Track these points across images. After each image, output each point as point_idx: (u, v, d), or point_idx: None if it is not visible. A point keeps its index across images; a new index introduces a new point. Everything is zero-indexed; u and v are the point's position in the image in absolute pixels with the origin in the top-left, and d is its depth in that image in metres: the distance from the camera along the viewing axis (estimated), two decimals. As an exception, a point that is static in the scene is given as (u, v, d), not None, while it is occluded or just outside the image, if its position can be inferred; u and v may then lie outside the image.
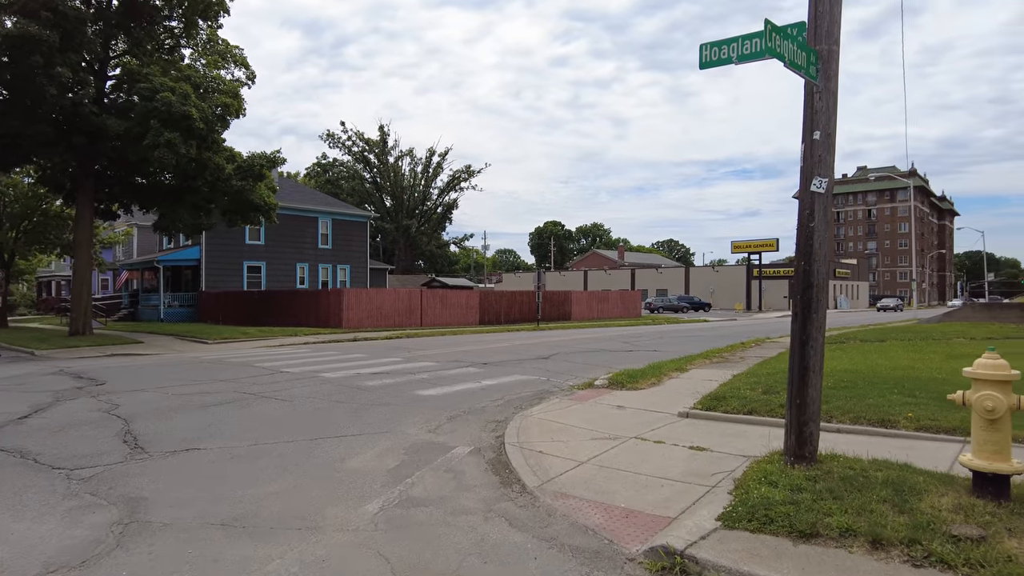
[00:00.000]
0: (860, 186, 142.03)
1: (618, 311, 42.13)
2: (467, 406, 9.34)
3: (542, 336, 25.12)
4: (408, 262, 73.28)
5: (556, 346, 19.70)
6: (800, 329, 5.38)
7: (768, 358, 15.02)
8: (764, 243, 71.08)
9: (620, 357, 16.49)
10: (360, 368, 13.81)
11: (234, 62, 25.19)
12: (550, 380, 12.04)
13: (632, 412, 8.64)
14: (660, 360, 14.37)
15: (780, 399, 8.33)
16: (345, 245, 44.11)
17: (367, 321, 28.43)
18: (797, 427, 5.34)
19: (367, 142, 72.48)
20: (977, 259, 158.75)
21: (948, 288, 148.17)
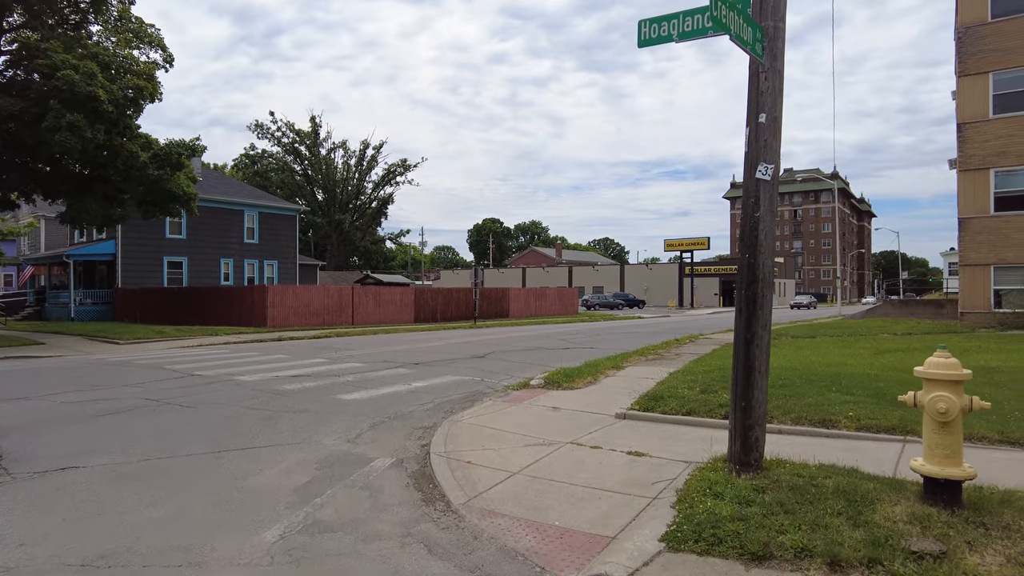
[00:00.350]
0: (787, 187, 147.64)
1: (556, 308, 42.02)
2: (393, 411, 8.69)
3: (479, 334, 24.57)
4: (341, 258, 71.29)
5: (493, 344, 19.19)
6: (744, 326, 5.02)
7: (703, 355, 14.95)
8: (695, 241, 72.70)
9: (557, 355, 16.12)
10: (280, 370, 12.90)
11: (149, 42, 23.48)
12: (484, 381, 11.50)
13: (568, 414, 8.19)
14: (597, 358, 14.06)
15: (719, 398, 8.06)
16: (273, 240, 42.30)
17: (294, 319, 27.17)
18: (742, 432, 4.98)
19: (298, 133, 70.02)
20: (892, 258, 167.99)
21: (867, 286, 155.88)
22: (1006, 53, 19.90)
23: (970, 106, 20.36)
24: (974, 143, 20.17)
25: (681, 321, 36.64)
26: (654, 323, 34.00)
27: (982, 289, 20.05)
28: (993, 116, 20.06)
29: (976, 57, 20.23)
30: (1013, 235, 19.70)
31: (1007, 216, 19.85)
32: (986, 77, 20.12)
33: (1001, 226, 19.86)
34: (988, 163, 20.00)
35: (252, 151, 74.71)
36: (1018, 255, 19.65)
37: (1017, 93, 19.89)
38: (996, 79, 20.06)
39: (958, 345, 14.38)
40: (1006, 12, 20.09)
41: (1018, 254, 19.65)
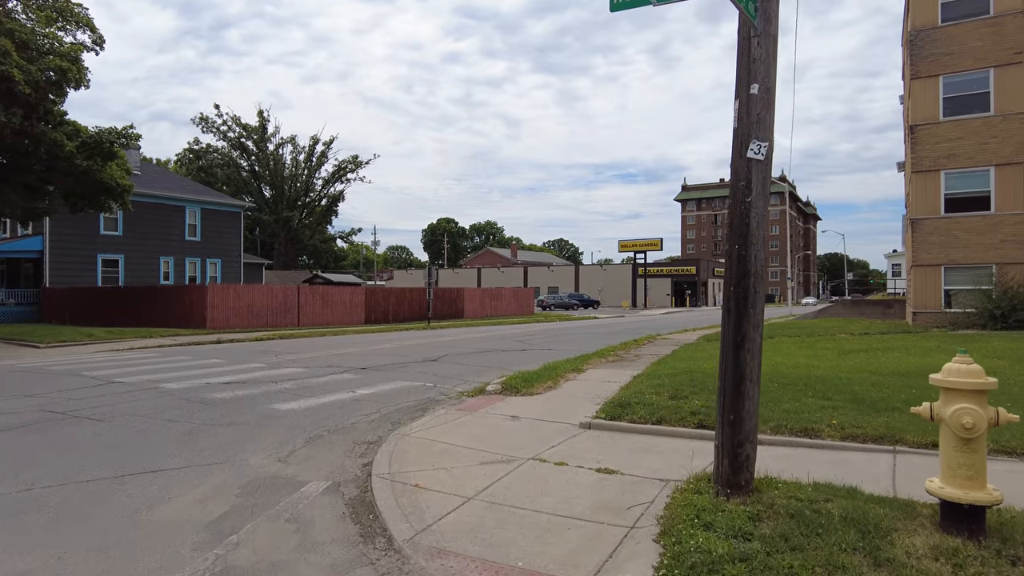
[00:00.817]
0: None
1: (511, 308, 41.36)
2: (333, 423, 7.81)
3: (432, 336, 23.67)
4: (289, 257, 69.07)
5: (447, 346, 18.35)
6: (734, 328, 4.38)
7: (664, 356, 14.47)
8: (649, 242, 73.19)
9: (514, 357, 15.41)
10: (213, 376, 11.81)
11: (76, 22, 21.80)
12: (437, 387, 10.69)
13: (528, 424, 7.48)
14: (556, 360, 13.41)
15: (690, 405, 7.48)
16: (216, 237, 40.40)
17: (236, 321, 25.74)
18: (731, 449, 4.34)
19: (245, 128, 67.45)
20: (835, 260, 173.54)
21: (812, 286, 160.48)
22: (955, 57, 20.14)
23: (921, 109, 20.55)
24: (925, 145, 20.36)
25: (636, 321, 36.46)
26: (610, 323, 33.68)
27: (933, 289, 20.25)
28: (943, 119, 20.29)
29: (927, 60, 20.43)
30: (962, 236, 19.94)
31: (957, 217, 20.09)
32: (936, 80, 20.34)
33: (951, 227, 20.09)
34: (939, 165, 20.20)
35: (196, 146, 71.73)
36: (967, 256, 19.90)
37: (966, 96, 20.15)
38: (946, 82, 20.28)
39: (917, 345, 14.28)
40: (955, 17, 20.35)
41: (967, 255, 19.90)
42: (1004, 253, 19.43)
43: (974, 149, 19.80)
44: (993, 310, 18.03)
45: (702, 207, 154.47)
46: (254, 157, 68.65)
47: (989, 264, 19.63)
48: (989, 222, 19.65)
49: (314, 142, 69.60)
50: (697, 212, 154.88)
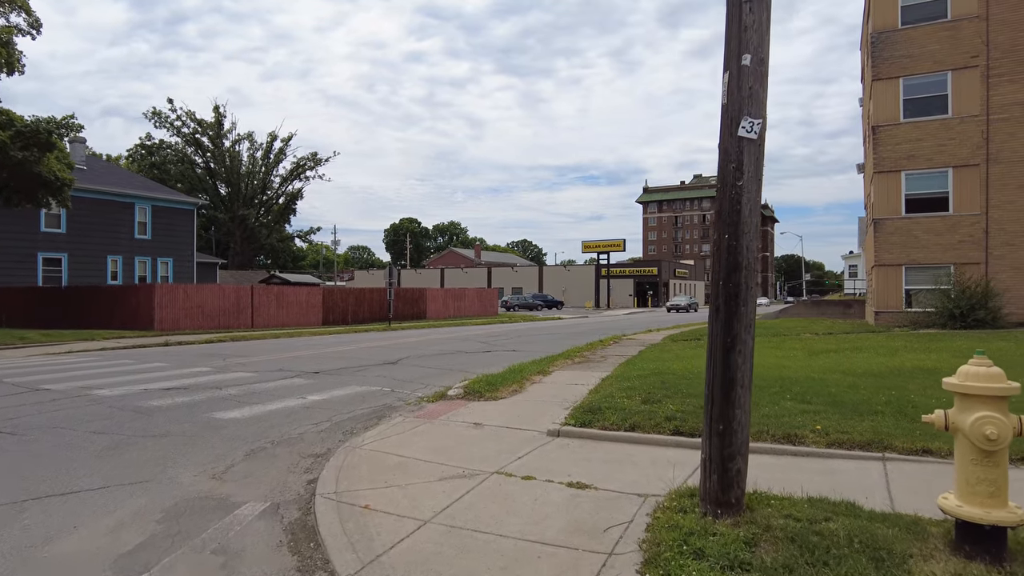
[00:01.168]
0: (695, 192, 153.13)
1: (475, 309, 40.76)
2: (279, 433, 7.14)
3: (393, 337, 22.94)
4: (246, 256, 67.12)
5: (408, 348, 17.68)
6: (723, 329, 3.92)
7: (631, 357, 14.10)
8: (612, 243, 73.40)
9: (478, 359, 14.85)
10: (153, 382, 10.95)
11: (9, 3, 20.46)
12: (395, 391, 10.06)
13: (492, 431, 6.93)
14: (520, 362, 12.90)
15: (664, 410, 7.03)
16: (168, 235, 38.81)
17: (185, 322, 24.57)
18: (720, 464, 3.88)
19: (200, 123, 65.28)
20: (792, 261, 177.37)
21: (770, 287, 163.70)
22: (914, 60, 20.34)
23: (882, 110, 20.70)
24: (886, 146, 20.50)
25: (601, 322, 36.24)
26: (574, 324, 33.37)
27: (895, 289, 20.40)
28: (904, 120, 20.46)
29: (888, 62, 20.58)
30: (922, 236, 20.13)
31: (917, 218, 20.27)
32: (897, 82, 20.50)
33: (912, 227, 20.26)
34: (899, 166, 20.37)
35: (149, 141, 69.16)
36: (927, 256, 20.09)
37: (925, 99, 20.35)
38: (906, 84, 20.46)
39: (884, 345, 14.20)
40: (915, 20, 20.55)
41: (927, 255, 20.09)
42: (962, 253, 19.66)
43: (933, 151, 20.01)
44: (952, 309, 18.19)
45: (663, 209, 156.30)
46: (209, 154, 66.51)
47: (948, 264, 19.85)
48: (948, 223, 19.87)
49: (272, 138, 67.88)
50: (658, 214, 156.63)
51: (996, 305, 18.22)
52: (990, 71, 19.47)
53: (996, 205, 19.34)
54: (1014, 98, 19.23)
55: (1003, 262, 19.19)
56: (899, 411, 6.70)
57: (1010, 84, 19.29)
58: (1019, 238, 19.10)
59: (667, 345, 16.70)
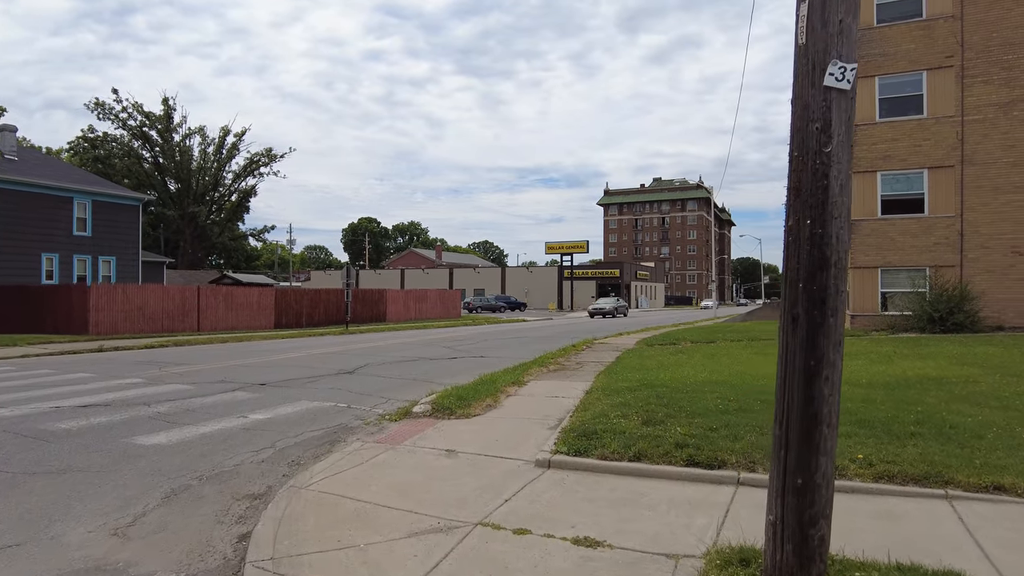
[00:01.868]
0: (655, 196, 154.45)
1: (437, 311, 39.45)
2: (210, 465, 5.89)
3: (351, 341, 21.55)
4: (196, 256, 64.33)
5: (367, 354, 16.39)
6: (805, 347, 2.90)
7: (609, 364, 13.17)
8: (575, 245, 72.90)
9: (444, 367, 13.68)
10: (69, 397, 9.48)
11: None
12: (352, 408, 8.84)
13: (469, 461, 5.83)
14: (492, 371, 11.83)
15: (671, 434, 6.03)
16: (110, 233, 36.39)
17: (125, 325, 22.72)
18: (797, 529, 2.85)
19: (147, 116, 62.24)
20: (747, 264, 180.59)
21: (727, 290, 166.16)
22: (889, 58, 19.97)
23: (858, 109, 20.26)
24: (862, 146, 20.08)
25: (567, 324, 35.38)
26: (540, 326, 32.42)
27: (871, 292, 19.99)
28: (880, 120, 20.08)
29: (863, 60, 20.17)
30: (897, 238, 19.76)
31: (892, 219, 19.90)
32: (872, 81, 20.11)
33: (887, 229, 19.88)
34: (875, 166, 19.97)
35: (92, 134, 65.64)
36: (902, 258, 19.73)
37: (900, 98, 20.01)
38: (882, 83, 20.09)
39: (873, 351, 13.54)
40: (890, 18, 20.19)
41: (902, 257, 19.73)
42: (937, 256, 19.36)
43: (908, 151, 19.67)
44: (932, 313, 17.79)
45: (623, 212, 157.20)
46: (158, 148, 63.54)
47: (923, 267, 19.52)
48: (923, 224, 19.55)
49: (224, 133, 65.25)
50: (619, 216, 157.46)
51: (973, 308, 17.91)
52: (964, 71, 19.22)
53: (971, 207, 19.08)
54: (988, 99, 19.01)
55: (977, 265, 18.93)
56: (939, 433, 5.84)
57: (984, 85, 19.06)
58: (993, 241, 18.88)
59: (644, 351, 15.82)
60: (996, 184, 18.97)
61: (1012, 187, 18.84)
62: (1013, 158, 18.83)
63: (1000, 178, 18.95)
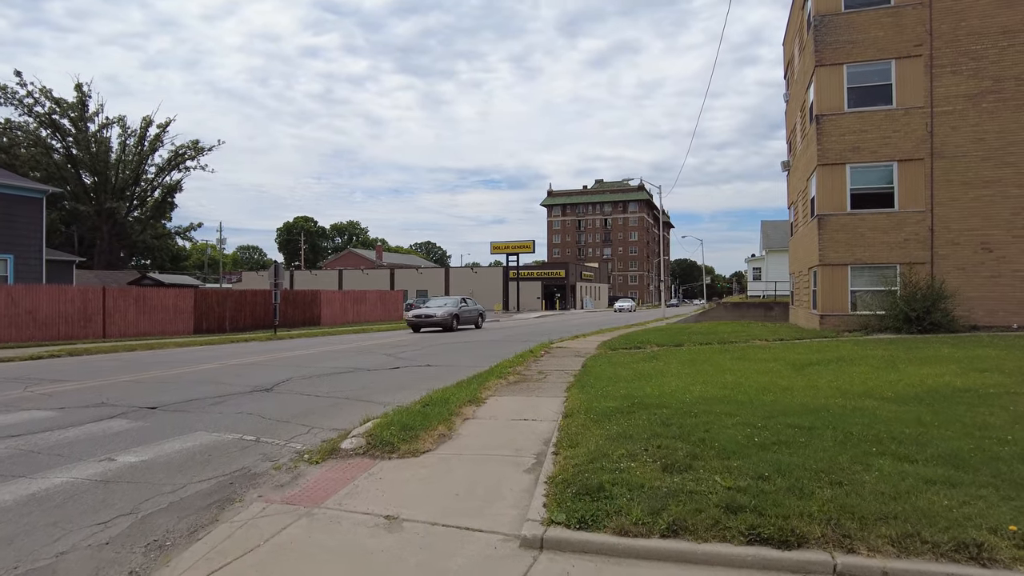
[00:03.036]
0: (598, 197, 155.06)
1: (377, 314, 37.03)
2: (12, 558, 3.77)
3: (277, 349, 19.16)
4: (115, 255, 59.51)
5: (292, 365, 14.16)
6: None
7: (577, 373, 11.47)
8: (521, 245, 71.38)
9: (384, 380, 11.64)
10: None
11: None
12: (262, 441, 6.76)
13: (421, 540, 3.92)
14: (441, 384, 9.94)
15: (711, 488, 4.28)
16: (6, 228, 32.46)
17: (8, 332, 19.62)
18: None
19: (57, 103, 57.16)
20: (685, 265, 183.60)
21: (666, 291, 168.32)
22: (858, 46, 19.06)
23: (827, 98, 19.29)
24: (831, 136, 19.08)
25: (516, 327, 33.60)
26: (489, 328, 30.54)
27: (840, 290, 18.98)
28: (848, 110, 19.12)
29: (831, 48, 19.20)
30: (868, 234, 18.83)
31: (862, 214, 18.96)
32: (841, 69, 19.15)
33: (857, 224, 18.92)
34: (844, 158, 18.99)
35: (-8, 121, 59.79)
36: (873, 255, 18.81)
37: (869, 88, 19.11)
38: (850, 71, 19.15)
39: (866, 355, 12.23)
40: (858, 4, 19.30)
41: (873, 254, 18.80)
42: (907, 252, 18.50)
43: (878, 143, 18.77)
44: (908, 312, 16.85)
45: (567, 213, 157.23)
46: (71, 138, 58.44)
47: (894, 264, 18.64)
48: (893, 220, 18.67)
49: (147, 124, 60.65)
50: (562, 217, 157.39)
51: (948, 307, 17.09)
52: (933, 61, 18.45)
53: (941, 202, 18.32)
54: (956, 90, 18.29)
55: (948, 262, 18.17)
56: (1070, 479, 4.27)
57: (952, 75, 18.34)
58: (963, 236, 18.16)
59: (611, 356, 14.18)
60: (966, 178, 18.25)
61: (982, 182, 18.15)
62: (982, 152, 18.15)
63: (970, 172, 18.23)
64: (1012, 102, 17.98)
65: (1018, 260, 17.88)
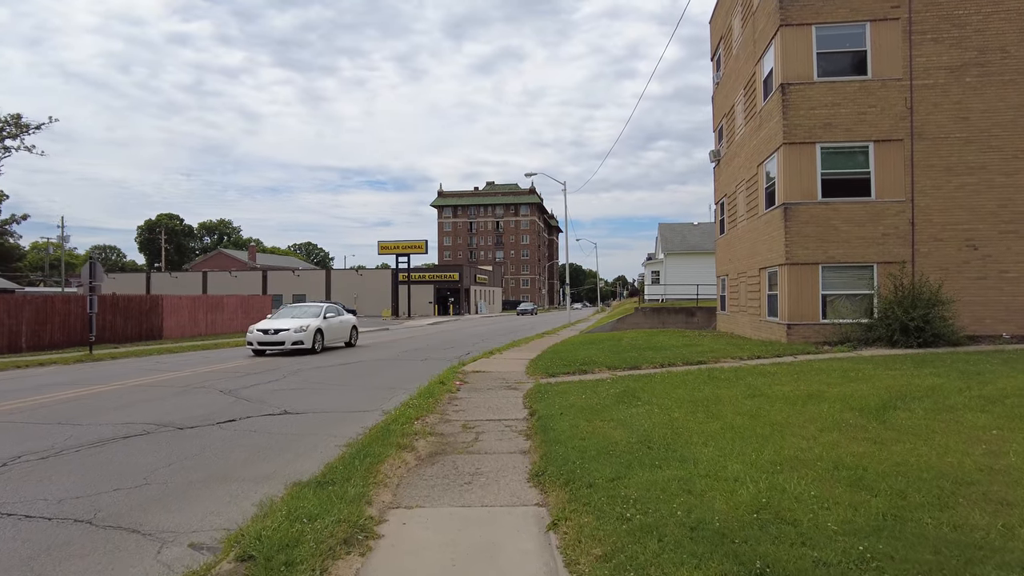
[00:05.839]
0: (490, 199, 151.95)
1: (237, 323, 30.70)
2: None
3: (70, 381, 13.28)
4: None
5: (54, 420, 8.71)
6: None
7: (522, 425, 7.20)
8: (412, 245, 66.01)
9: (193, 456, 6.59)
10: None
11: None
12: None
13: None
14: (297, 468, 5.15)
15: None
16: None
17: None
18: None
19: None
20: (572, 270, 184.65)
21: (555, 294, 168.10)
22: (827, 3, 16.05)
23: (793, 64, 16.10)
24: (799, 110, 15.90)
25: (408, 336, 28.58)
26: (376, 340, 25.40)
27: (810, 294, 15.79)
28: (818, 79, 16.03)
29: (798, 5, 16.06)
30: (841, 227, 15.79)
31: (835, 203, 15.90)
32: (809, 30, 16.04)
33: (830, 215, 15.83)
34: (814, 136, 15.86)
35: None
36: (847, 252, 15.78)
37: (841, 54, 16.15)
38: (819, 34, 16.08)
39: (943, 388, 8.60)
40: (823, -44, 16.24)
41: (848, 251, 15.77)
42: (886, 249, 15.62)
43: (852, 120, 15.81)
44: (906, 320, 13.81)
45: (458, 214, 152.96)
46: None
47: (871, 263, 15.71)
48: (870, 211, 15.74)
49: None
50: (453, 219, 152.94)
51: (947, 314, 14.29)
52: (913, 26, 15.75)
53: (922, 191, 15.62)
54: (938, 60, 15.69)
55: (930, 261, 15.49)
56: None
57: (934, 44, 15.72)
58: (947, 231, 15.55)
59: (556, 389, 9.83)
60: (948, 163, 15.62)
61: (966, 168, 15.59)
62: (966, 133, 15.60)
63: (953, 156, 15.63)
64: (998, 77, 15.57)
65: (1005, 259, 15.47)
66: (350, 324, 22.27)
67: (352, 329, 22.37)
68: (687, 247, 52.64)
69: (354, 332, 22.57)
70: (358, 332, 23.21)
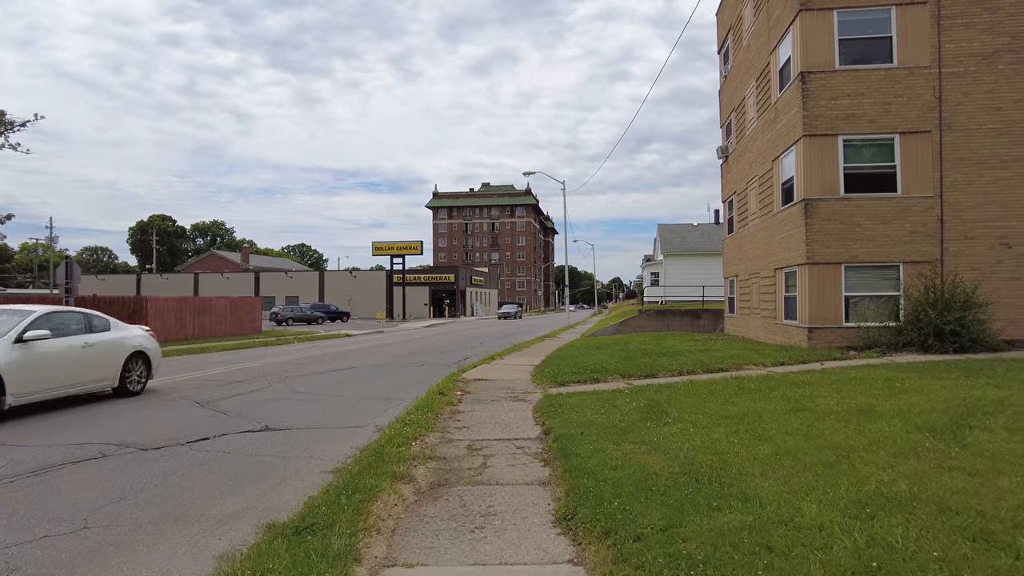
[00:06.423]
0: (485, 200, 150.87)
1: (227, 326, 29.59)
2: None
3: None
4: None
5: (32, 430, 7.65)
6: None
7: (536, 447, 6.36)
8: (407, 245, 64.95)
9: (179, 470, 5.54)
10: None
11: None
12: None
13: None
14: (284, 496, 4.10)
15: None
16: None
17: None
18: None
19: None
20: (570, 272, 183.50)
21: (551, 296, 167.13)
22: (849, -13, 15.09)
23: (813, 52, 15.15)
24: (820, 100, 14.96)
25: (405, 341, 27.53)
26: (370, 345, 24.34)
27: (833, 296, 14.83)
28: (840, 67, 15.10)
29: (818, -14, 15.12)
30: (865, 224, 14.84)
31: (858, 199, 14.95)
32: (830, 15, 15.11)
33: (853, 212, 14.88)
34: (836, 127, 14.92)
35: None
36: (872, 251, 14.84)
37: (865, 41, 15.22)
38: (841, 20, 15.15)
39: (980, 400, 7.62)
40: (844, -62, 15.32)
41: (872, 250, 14.83)
42: (913, 248, 14.69)
43: (876, 110, 14.88)
44: (940, 324, 12.87)
45: (454, 215, 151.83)
46: None
47: (896, 263, 14.77)
48: (896, 207, 14.81)
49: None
50: (449, 220, 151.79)
51: (983, 317, 13.36)
52: (941, 10, 14.84)
53: (952, 186, 14.70)
54: (969, 47, 14.79)
55: (960, 260, 14.57)
56: None
57: (964, 29, 14.82)
58: (978, 229, 14.63)
59: (571, 402, 8.81)
60: (980, 156, 14.70)
61: (999, 161, 14.67)
62: (999, 124, 14.68)
63: (985, 149, 14.71)
64: (1032, 65, 14.66)
65: (1040, 259, 14.55)
66: (123, 348, 10.84)
67: (134, 358, 11.00)
68: (687, 248, 51.76)
69: (138, 364, 11.11)
70: (153, 361, 11.48)
